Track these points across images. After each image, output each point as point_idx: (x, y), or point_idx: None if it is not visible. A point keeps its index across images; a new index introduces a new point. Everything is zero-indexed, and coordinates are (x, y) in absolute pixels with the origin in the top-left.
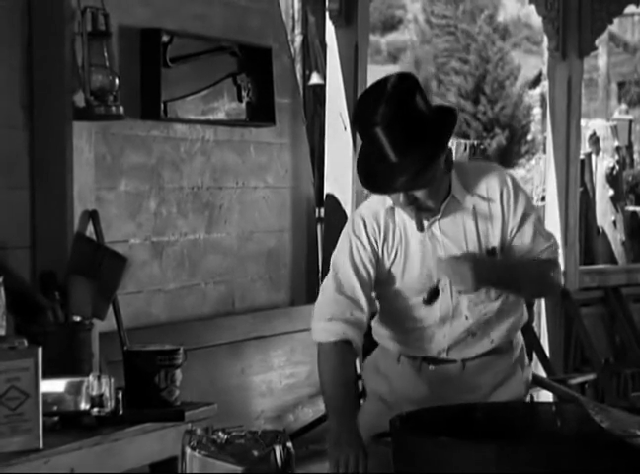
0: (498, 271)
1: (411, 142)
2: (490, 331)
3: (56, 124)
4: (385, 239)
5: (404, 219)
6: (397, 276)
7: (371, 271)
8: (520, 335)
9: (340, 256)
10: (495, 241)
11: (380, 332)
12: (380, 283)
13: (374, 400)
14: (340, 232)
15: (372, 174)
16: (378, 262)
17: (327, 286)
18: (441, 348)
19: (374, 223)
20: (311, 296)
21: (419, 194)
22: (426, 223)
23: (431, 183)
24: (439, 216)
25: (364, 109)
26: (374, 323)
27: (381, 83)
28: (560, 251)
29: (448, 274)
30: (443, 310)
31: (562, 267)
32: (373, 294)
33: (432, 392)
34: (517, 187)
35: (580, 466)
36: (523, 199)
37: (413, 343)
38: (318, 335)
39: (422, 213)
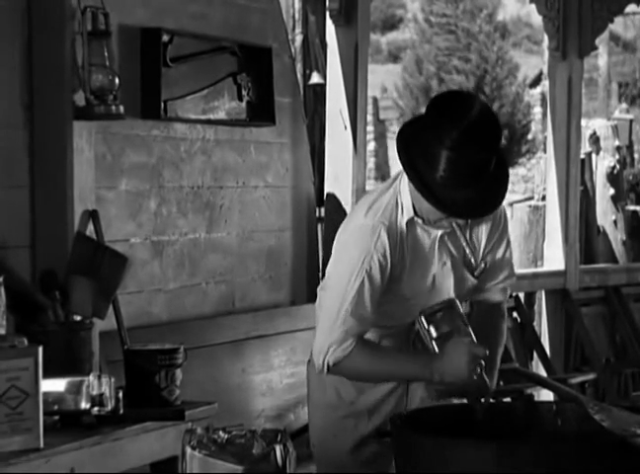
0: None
1: (491, 172)
2: None
3: (56, 124)
4: (401, 250)
5: (417, 227)
6: (397, 281)
7: (383, 284)
8: None
9: (351, 272)
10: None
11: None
12: None
13: (335, 404)
14: None
15: (449, 198)
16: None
17: (333, 305)
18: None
19: (395, 235)
20: (311, 295)
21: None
22: (441, 232)
23: None
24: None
25: (444, 122)
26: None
27: (467, 105)
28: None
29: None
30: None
31: (563, 266)
32: None
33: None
34: (506, 218)
35: (580, 465)
36: (507, 235)
37: (386, 340)
38: (330, 355)
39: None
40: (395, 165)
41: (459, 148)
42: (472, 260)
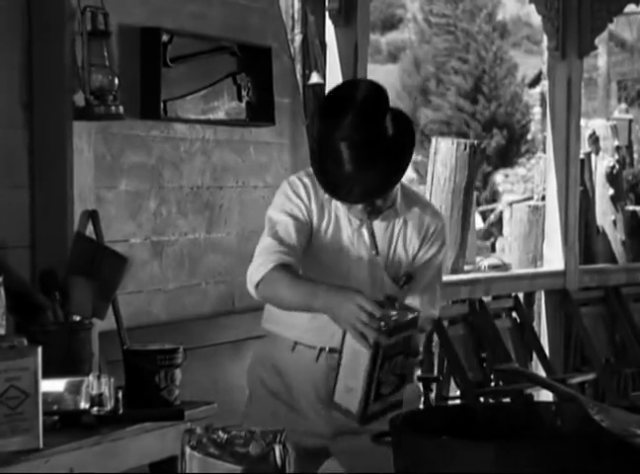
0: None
1: (378, 158)
2: None
3: (56, 124)
4: (320, 216)
5: (338, 207)
6: (317, 251)
7: (307, 221)
8: None
9: (275, 211)
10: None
11: (274, 318)
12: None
13: (265, 398)
14: None
15: (331, 181)
16: (311, 229)
17: (261, 238)
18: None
19: (313, 192)
20: None
21: (377, 201)
22: (359, 222)
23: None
24: (375, 219)
25: (331, 115)
26: (267, 310)
27: (353, 90)
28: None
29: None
30: None
31: (562, 266)
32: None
33: (329, 384)
34: (444, 237)
35: (580, 466)
36: (441, 251)
37: (314, 330)
38: (255, 275)
39: (365, 212)
40: None
41: (337, 130)
42: (395, 265)
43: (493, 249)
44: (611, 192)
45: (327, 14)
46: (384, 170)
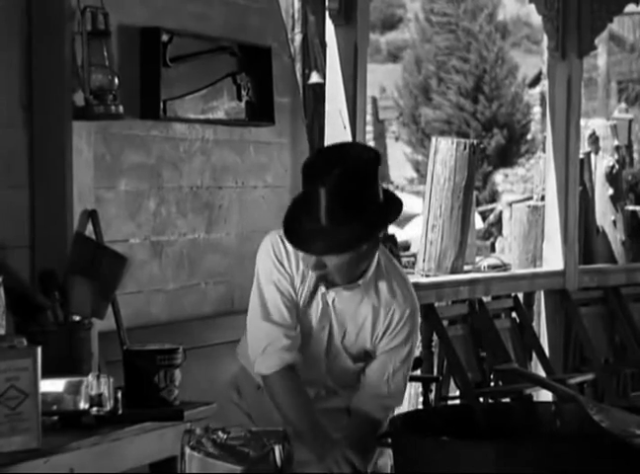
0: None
1: (348, 215)
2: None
3: (56, 124)
4: (302, 278)
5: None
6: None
7: (293, 294)
8: None
9: (264, 278)
10: (370, 344)
11: (245, 354)
12: None
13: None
14: None
15: (297, 230)
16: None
17: (254, 317)
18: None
19: (293, 256)
20: None
21: (330, 264)
22: (323, 289)
23: (350, 259)
24: (338, 289)
25: (320, 164)
26: (242, 342)
27: (346, 146)
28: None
29: None
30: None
31: (562, 266)
32: None
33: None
34: (413, 325)
35: (579, 466)
36: (409, 341)
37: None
38: (260, 368)
39: (323, 281)
40: (394, 165)
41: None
42: (360, 341)
43: (492, 249)
44: (611, 191)
45: (327, 14)
46: (349, 231)
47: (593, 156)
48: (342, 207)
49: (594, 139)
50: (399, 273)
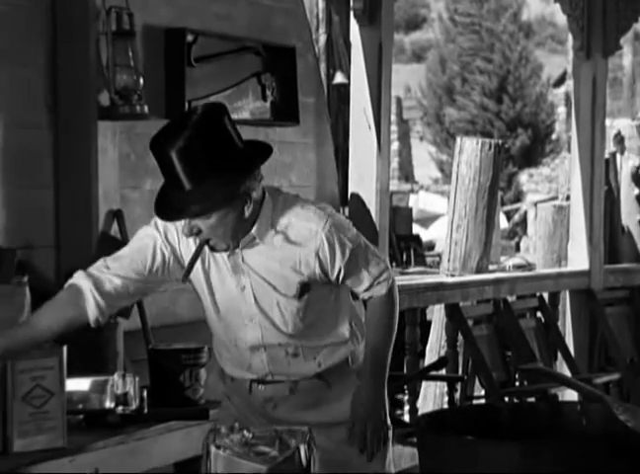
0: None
1: (207, 170)
2: (315, 354)
3: (81, 124)
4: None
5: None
6: (211, 293)
7: (149, 263)
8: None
9: (134, 237)
10: (305, 278)
11: (216, 352)
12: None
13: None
14: (363, 231)
15: (166, 202)
16: (178, 262)
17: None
18: (264, 372)
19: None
20: None
21: (203, 227)
22: (227, 253)
23: (220, 218)
24: (238, 249)
25: (165, 134)
26: (214, 342)
27: (190, 112)
28: (390, 281)
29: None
30: (250, 339)
31: (587, 266)
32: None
33: (265, 412)
34: (332, 242)
35: (605, 466)
36: (340, 253)
37: (238, 366)
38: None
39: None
40: (418, 164)
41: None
42: (279, 283)
43: (517, 249)
44: (637, 191)
45: (351, 14)
46: (212, 184)
47: (618, 156)
48: (197, 163)
49: (619, 139)
50: (296, 206)
